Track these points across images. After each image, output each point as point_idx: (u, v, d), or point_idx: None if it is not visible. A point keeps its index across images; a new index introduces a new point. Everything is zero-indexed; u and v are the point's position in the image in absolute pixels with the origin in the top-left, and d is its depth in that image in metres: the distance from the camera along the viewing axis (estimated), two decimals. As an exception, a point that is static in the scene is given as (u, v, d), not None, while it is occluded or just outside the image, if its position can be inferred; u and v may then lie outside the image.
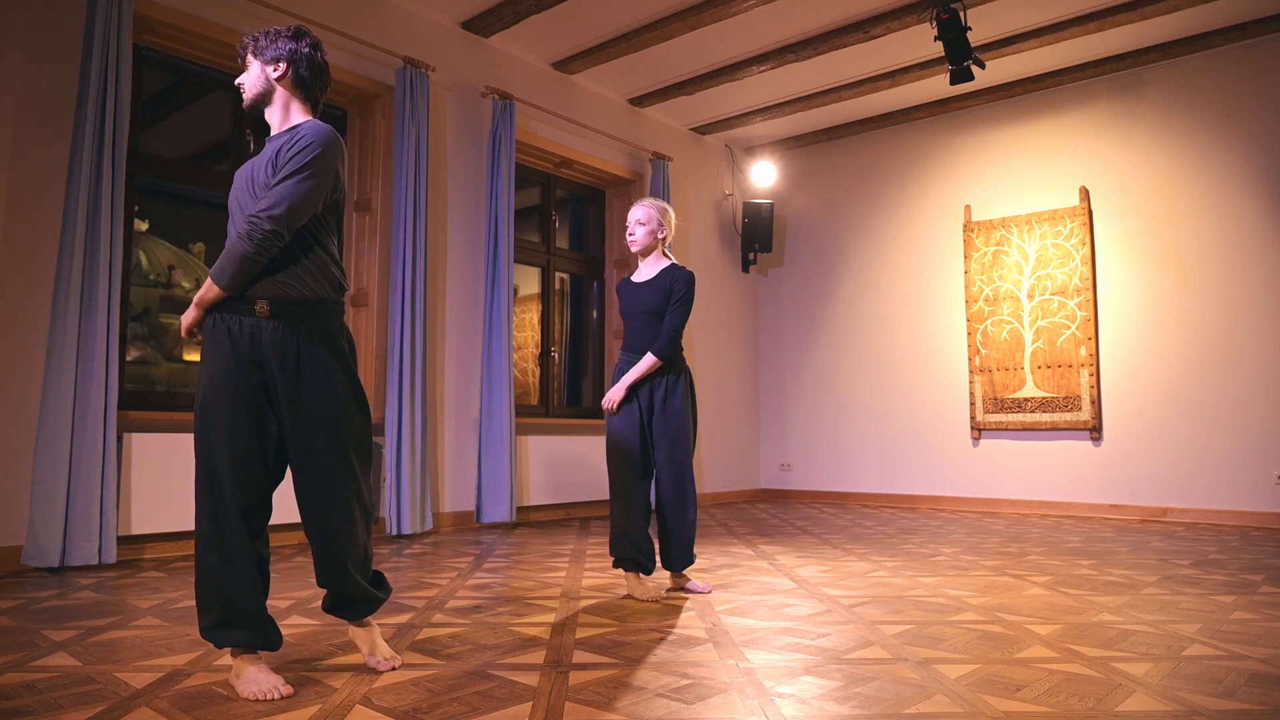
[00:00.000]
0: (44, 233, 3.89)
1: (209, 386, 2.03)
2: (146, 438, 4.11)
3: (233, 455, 2.01)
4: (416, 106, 5.23)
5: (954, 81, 5.45)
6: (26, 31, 3.90)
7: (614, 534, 3.24)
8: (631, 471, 3.23)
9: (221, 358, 2.03)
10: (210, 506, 2.00)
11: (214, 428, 2.01)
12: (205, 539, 2.01)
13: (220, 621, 2.00)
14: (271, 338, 2.03)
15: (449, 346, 5.56)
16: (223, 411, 2.01)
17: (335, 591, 2.16)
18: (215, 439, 2.01)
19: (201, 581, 2.01)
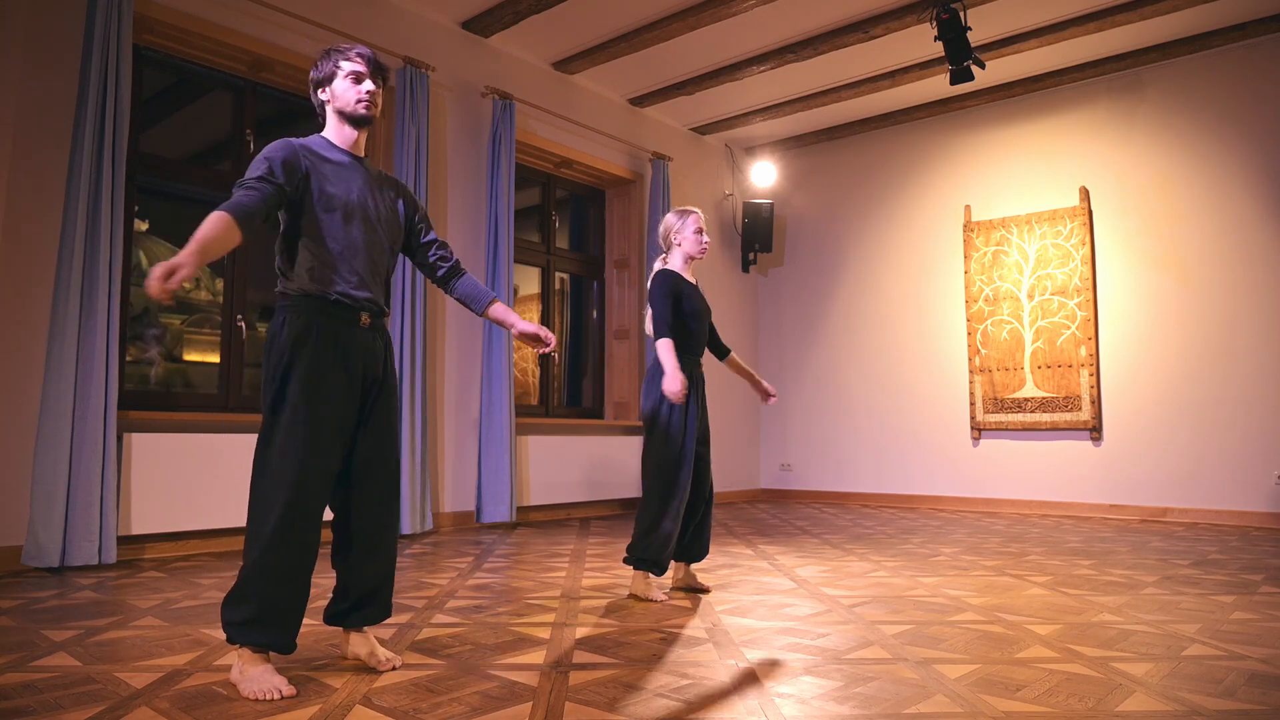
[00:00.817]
0: (44, 233, 3.89)
1: (307, 391, 2.05)
2: (146, 438, 4.11)
3: (326, 464, 2.08)
4: (416, 106, 5.23)
5: (954, 81, 5.45)
6: (26, 31, 3.90)
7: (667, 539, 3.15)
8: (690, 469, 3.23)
9: (324, 366, 2.08)
10: (292, 513, 2.01)
11: (315, 437, 2.04)
12: (278, 539, 1.99)
13: (253, 618, 2.00)
14: (372, 348, 2.19)
15: (449, 346, 5.56)
16: (325, 421, 2.07)
17: (366, 589, 2.20)
18: (315, 447, 2.04)
19: (253, 578, 2.00)
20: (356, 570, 2.19)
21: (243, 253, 4.80)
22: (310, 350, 2.07)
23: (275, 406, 2.05)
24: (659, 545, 3.15)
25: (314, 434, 2.04)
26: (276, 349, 2.08)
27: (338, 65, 2.21)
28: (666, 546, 3.16)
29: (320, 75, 2.24)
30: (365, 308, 2.17)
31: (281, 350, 2.07)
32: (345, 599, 2.20)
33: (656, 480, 3.19)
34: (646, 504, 3.20)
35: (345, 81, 2.21)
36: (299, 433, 2.03)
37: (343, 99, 2.21)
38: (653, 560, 3.15)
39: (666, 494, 3.17)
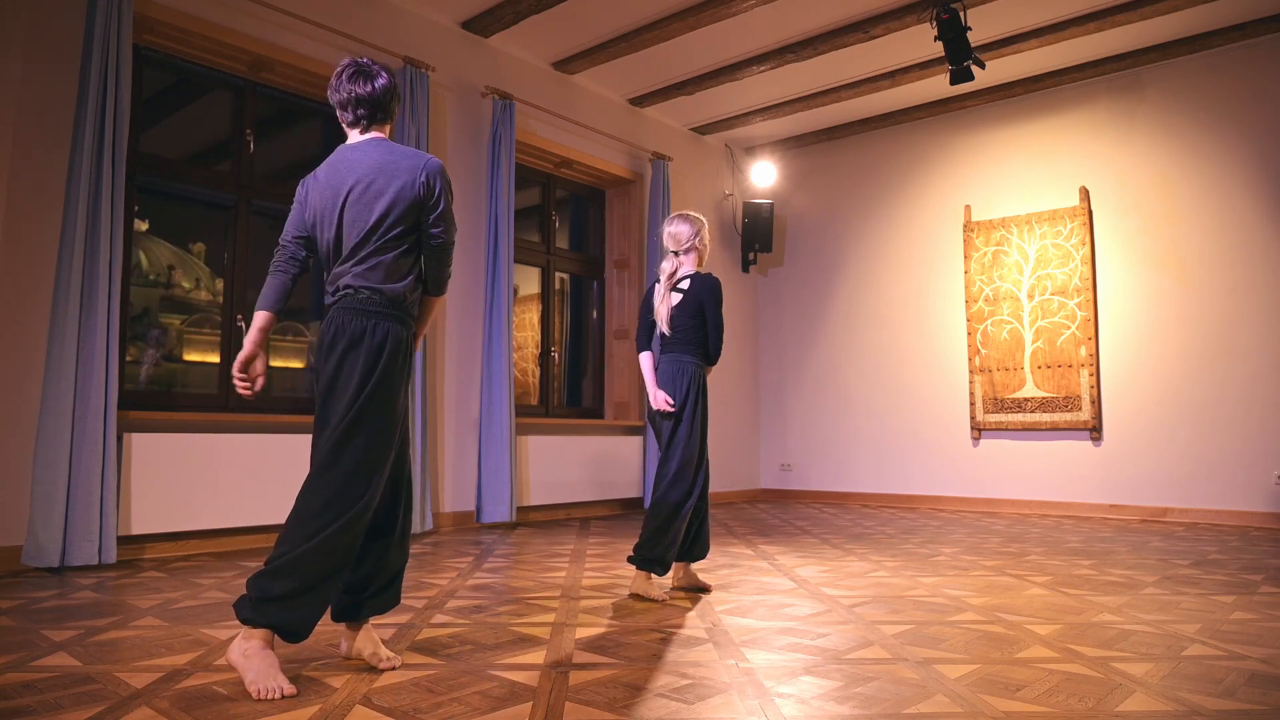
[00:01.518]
0: (44, 233, 3.89)
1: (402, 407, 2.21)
2: (146, 438, 4.11)
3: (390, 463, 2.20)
4: (416, 106, 5.23)
5: (954, 81, 5.45)
6: (26, 31, 3.90)
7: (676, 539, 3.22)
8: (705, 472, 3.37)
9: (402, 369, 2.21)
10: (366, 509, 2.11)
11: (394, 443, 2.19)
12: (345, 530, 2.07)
13: (290, 594, 2.01)
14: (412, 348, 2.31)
15: (449, 346, 5.56)
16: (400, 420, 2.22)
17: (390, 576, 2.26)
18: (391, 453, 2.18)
19: (307, 557, 2.02)
20: (382, 559, 2.24)
21: (242, 253, 4.80)
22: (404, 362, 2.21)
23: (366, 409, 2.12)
24: (667, 545, 3.19)
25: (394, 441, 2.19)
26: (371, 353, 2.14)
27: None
28: (674, 547, 3.21)
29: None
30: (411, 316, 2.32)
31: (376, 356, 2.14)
32: (363, 590, 2.22)
33: (677, 482, 3.24)
34: (661, 504, 3.23)
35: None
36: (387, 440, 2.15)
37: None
38: (659, 560, 3.18)
39: (684, 496, 3.23)
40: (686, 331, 3.32)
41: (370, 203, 2.16)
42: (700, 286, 3.32)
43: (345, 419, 2.10)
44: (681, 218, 3.43)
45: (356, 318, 2.14)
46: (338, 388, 2.12)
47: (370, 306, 2.15)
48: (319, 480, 2.09)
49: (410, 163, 2.20)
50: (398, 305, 2.18)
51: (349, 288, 2.16)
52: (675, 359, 3.32)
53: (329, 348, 2.14)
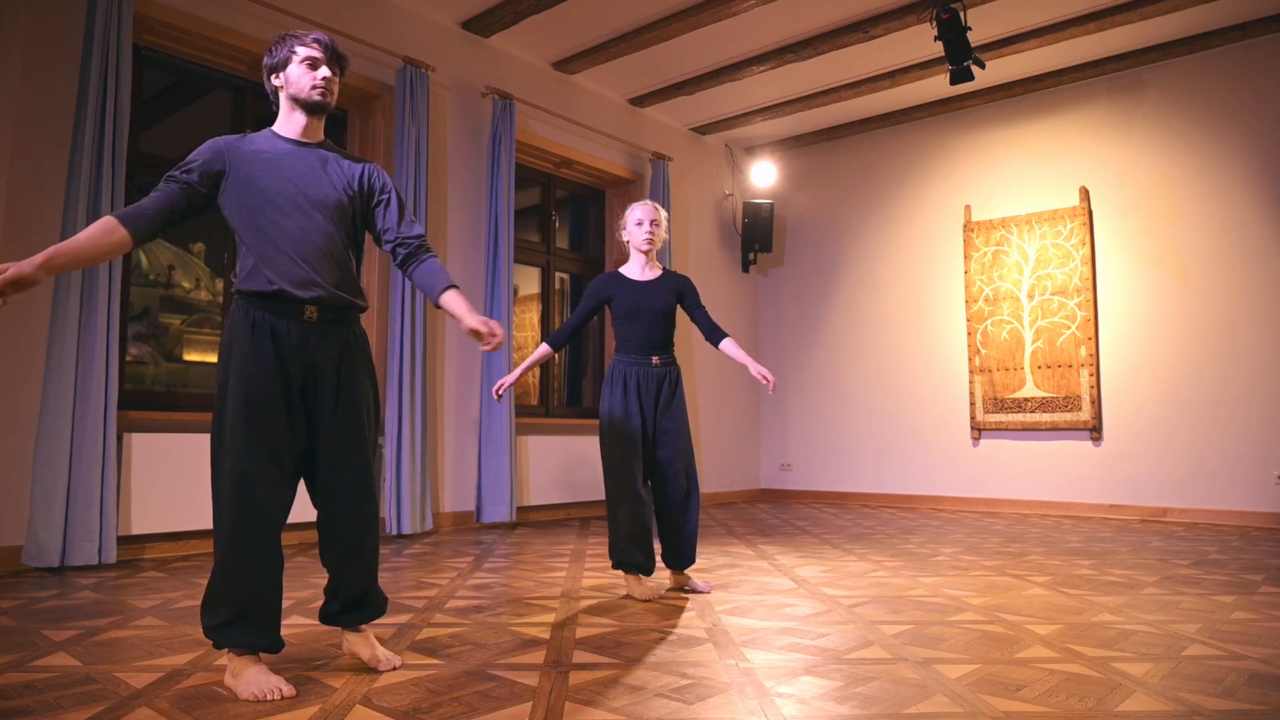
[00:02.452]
0: (44, 233, 3.89)
1: (247, 389, 2.00)
2: (146, 438, 4.11)
3: (270, 461, 2.01)
4: (416, 107, 5.23)
5: (954, 81, 5.45)
6: (26, 31, 3.90)
7: (617, 537, 3.17)
8: (635, 472, 3.18)
9: (263, 361, 2.02)
10: (241, 513, 1.99)
11: (253, 433, 1.99)
12: (232, 541, 1.99)
13: (230, 620, 1.99)
14: (320, 342, 2.09)
15: (449, 346, 5.56)
16: (262, 417, 2.00)
17: (353, 592, 2.18)
18: (253, 444, 1.99)
19: (220, 581, 2.00)
20: (340, 573, 2.17)
21: (243, 253, 4.79)
22: (243, 347, 2.02)
23: (218, 406, 2.04)
24: (616, 544, 3.17)
25: (248, 434, 1.99)
26: (220, 347, 2.09)
27: (293, 50, 2.16)
28: (623, 545, 3.14)
29: (274, 61, 2.18)
30: (312, 301, 2.07)
31: (223, 348, 2.07)
32: (335, 599, 2.20)
33: (605, 480, 3.22)
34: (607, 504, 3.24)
35: (300, 67, 2.14)
36: (236, 433, 1.99)
37: (296, 85, 2.15)
38: (626, 562, 3.16)
39: (610, 495, 3.19)
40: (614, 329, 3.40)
41: None
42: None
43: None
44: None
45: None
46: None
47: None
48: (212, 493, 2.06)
49: None
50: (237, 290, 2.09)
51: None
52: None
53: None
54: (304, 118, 2.18)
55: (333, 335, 2.12)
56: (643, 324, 3.29)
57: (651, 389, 3.24)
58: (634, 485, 3.17)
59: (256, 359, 2.01)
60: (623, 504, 3.16)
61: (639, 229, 3.35)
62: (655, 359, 3.27)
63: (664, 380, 3.27)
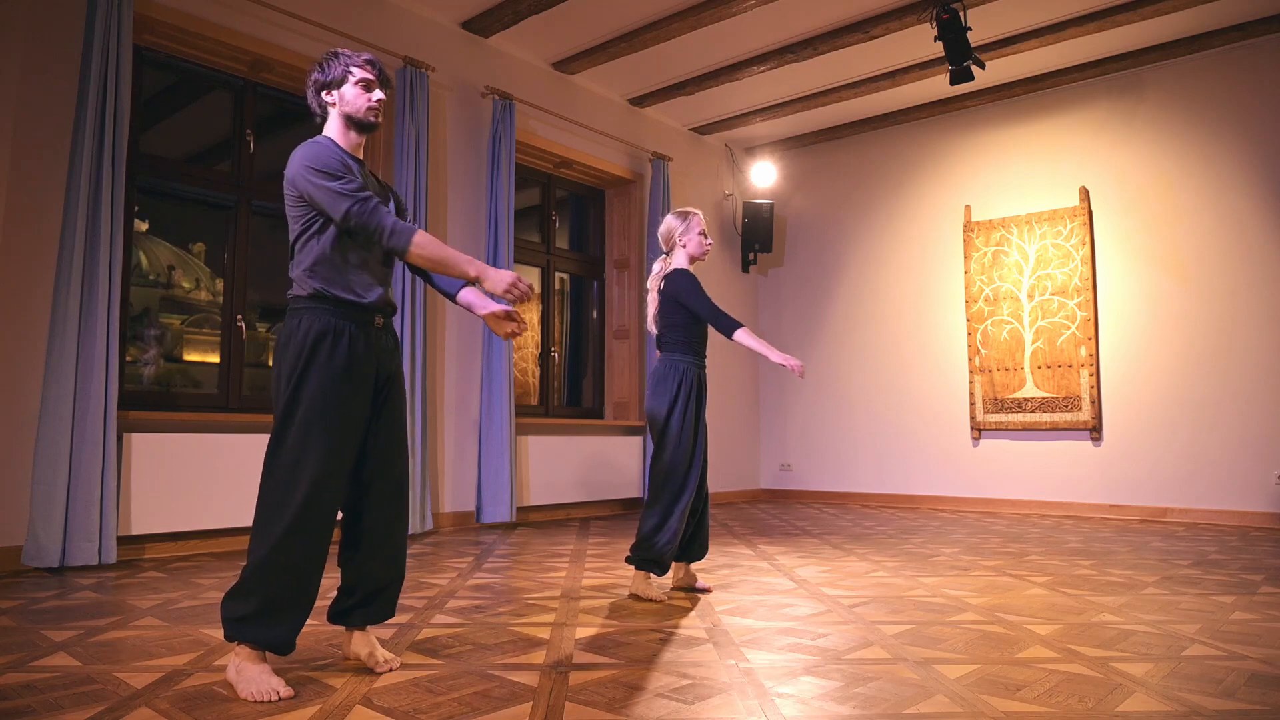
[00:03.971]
0: (44, 233, 3.89)
1: (325, 398, 2.06)
2: (146, 438, 4.11)
3: (339, 466, 2.08)
4: (416, 106, 5.23)
5: (954, 81, 5.45)
6: (26, 32, 3.90)
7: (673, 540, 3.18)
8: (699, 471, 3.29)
9: (336, 368, 2.09)
10: (306, 515, 2.01)
11: (328, 439, 2.05)
12: (289, 538, 2.00)
13: (255, 613, 1.99)
14: (384, 347, 2.22)
15: (449, 346, 5.56)
16: (338, 424, 2.07)
17: (376, 587, 2.21)
18: (328, 449, 2.05)
19: (257, 576, 2.00)
20: (365, 567, 2.19)
21: (242, 253, 4.79)
22: (327, 352, 2.08)
23: (290, 407, 2.06)
24: (663, 546, 3.17)
25: (331, 435, 2.05)
26: (292, 351, 2.09)
27: (349, 70, 2.23)
28: (670, 547, 3.18)
29: (328, 78, 2.24)
30: (380, 309, 2.20)
31: (298, 352, 2.08)
32: (351, 596, 2.20)
33: (668, 482, 3.22)
34: (654, 504, 3.22)
35: (356, 88, 2.23)
36: (316, 433, 2.04)
37: (352, 105, 2.23)
38: (656, 560, 3.17)
39: (676, 495, 3.21)
40: (674, 330, 3.32)
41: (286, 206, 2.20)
42: (670, 285, 3.32)
43: (277, 418, 2.07)
44: (670, 215, 3.45)
45: (288, 316, 2.16)
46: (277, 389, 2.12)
47: (296, 302, 2.15)
48: (261, 486, 2.06)
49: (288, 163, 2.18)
50: (316, 295, 2.12)
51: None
52: (667, 358, 3.32)
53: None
54: (357, 136, 2.27)
55: (391, 340, 2.27)
56: (704, 328, 3.38)
57: (704, 392, 3.37)
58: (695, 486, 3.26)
59: (334, 364, 2.09)
60: (682, 503, 3.21)
61: (702, 239, 3.44)
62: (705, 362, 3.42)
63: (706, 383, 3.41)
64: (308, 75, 2.28)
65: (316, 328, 2.09)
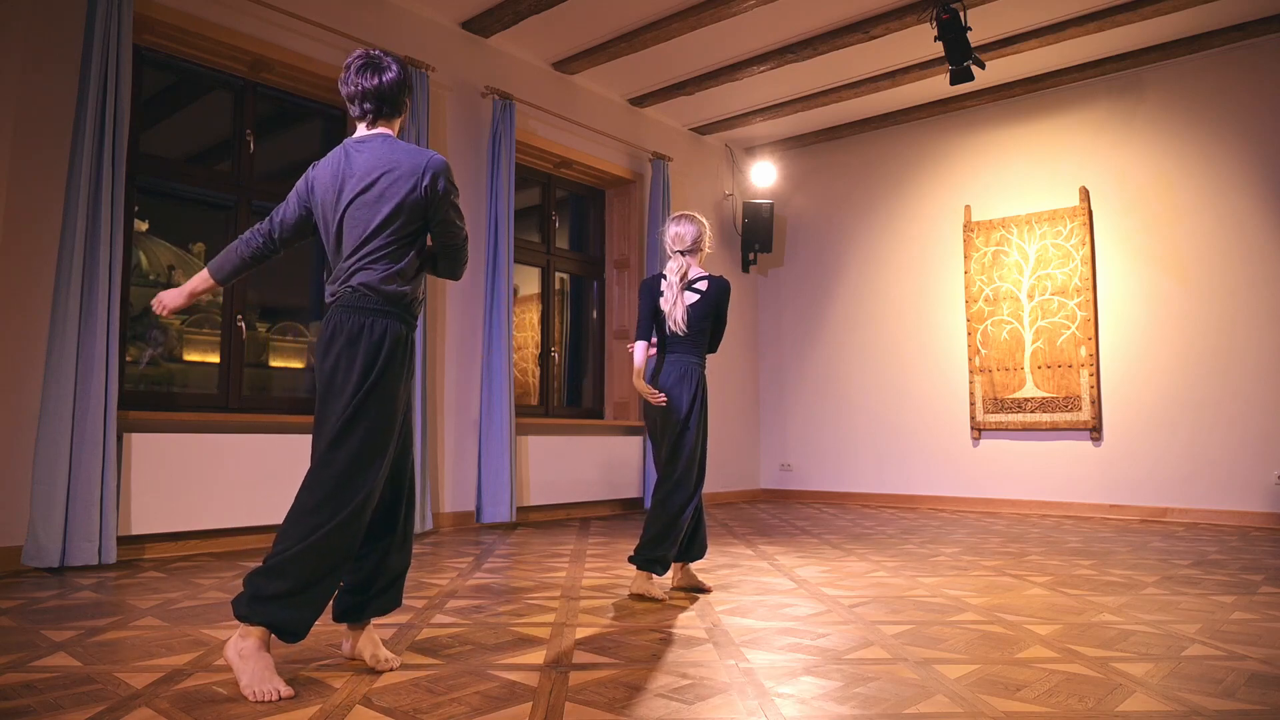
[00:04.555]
0: (44, 233, 3.89)
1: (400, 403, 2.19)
2: (146, 438, 4.11)
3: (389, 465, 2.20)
4: (416, 106, 5.23)
5: (954, 81, 5.45)
6: (26, 31, 3.90)
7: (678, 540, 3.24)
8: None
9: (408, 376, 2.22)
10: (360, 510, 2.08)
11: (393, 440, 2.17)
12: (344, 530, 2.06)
13: (286, 593, 1.99)
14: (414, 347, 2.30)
15: (449, 346, 5.56)
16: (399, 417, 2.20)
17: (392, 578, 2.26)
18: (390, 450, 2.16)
19: (302, 557, 2.00)
20: (385, 560, 2.24)
21: (243, 253, 4.79)
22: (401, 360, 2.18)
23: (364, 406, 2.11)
24: (669, 545, 3.21)
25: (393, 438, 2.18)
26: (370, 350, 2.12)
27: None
28: (676, 546, 3.24)
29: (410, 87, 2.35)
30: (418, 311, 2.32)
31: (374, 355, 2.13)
32: (365, 591, 2.22)
33: (679, 482, 3.25)
34: (662, 504, 3.23)
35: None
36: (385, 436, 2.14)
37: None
38: (660, 560, 3.19)
39: (688, 495, 3.26)
40: (699, 334, 3.32)
41: (372, 204, 2.14)
42: (719, 290, 3.34)
43: (343, 416, 2.09)
44: (686, 218, 3.41)
45: (355, 315, 2.13)
46: (335, 385, 2.11)
47: (368, 304, 2.14)
48: (316, 477, 2.08)
49: (413, 162, 2.16)
50: (397, 303, 2.17)
51: (349, 286, 2.15)
52: (683, 360, 3.31)
53: (327, 345, 2.14)
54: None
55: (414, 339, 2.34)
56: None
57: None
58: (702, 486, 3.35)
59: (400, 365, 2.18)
60: (692, 505, 3.27)
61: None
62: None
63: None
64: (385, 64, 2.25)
65: (396, 333, 2.17)
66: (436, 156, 2.20)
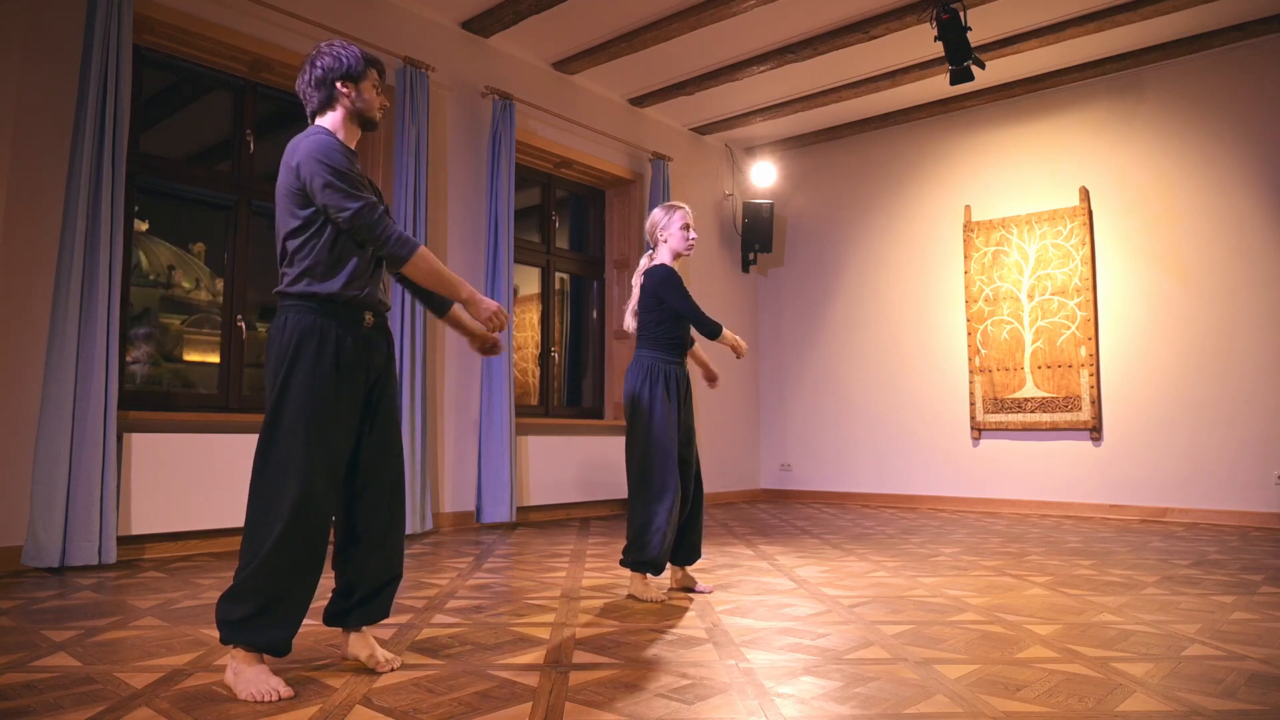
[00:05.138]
0: (44, 233, 3.89)
1: (316, 399, 2.04)
2: (146, 438, 4.11)
3: (334, 468, 2.09)
4: (416, 106, 5.23)
5: (954, 81, 5.45)
6: (26, 31, 3.90)
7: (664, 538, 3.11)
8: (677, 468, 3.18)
9: (326, 369, 2.07)
10: (296, 514, 1.99)
11: (320, 441, 2.04)
12: (287, 540, 1.98)
13: (252, 615, 1.98)
14: (375, 347, 2.18)
15: (449, 346, 5.55)
16: (330, 425, 2.06)
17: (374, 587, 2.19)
18: (321, 451, 2.04)
19: (255, 576, 1.98)
20: (362, 568, 2.18)
21: (242, 253, 4.80)
22: (314, 351, 2.07)
23: (278, 408, 2.04)
24: (653, 546, 3.10)
25: (321, 434, 2.04)
26: (279, 349, 2.08)
27: (369, 68, 2.24)
28: (661, 547, 3.11)
29: (348, 71, 2.20)
30: (370, 307, 2.18)
31: (283, 351, 2.07)
32: (348, 598, 2.19)
33: (644, 479, 3.16)
34: (634, 503, 3.18)
35: (372, 88, 2.25)
36: (305, 433, 2.02)
37: (366, 103, 2.24)
38: (648, 562, 3.12)
39: (656, 491, 3.13)
40: (648, 326, 3.29)
41: (277, 199, 2.18)
42: (652, 280, 3.27)
43: (266, 418, 2.06)
44: (657, 209, 3.38)
45: (276, 315, 2.14)
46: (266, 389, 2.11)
47: (284, 300, 2.13)
48: (253, 487, 2.04)
49: (289, 151, 2.15)
50: (305, 295, 2.10)
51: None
52: (637, 353, 3.30)
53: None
54: (359, 132, 2.29)
55: (384, 340, 2.24)
56: (683, 325, 3.33)
57: (681, 388, 3.30)
58: (677, 483, 3.16)
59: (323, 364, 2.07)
60: (665, 502, 3.12)
61: (685, 234, 3.34)
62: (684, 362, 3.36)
63: (687, 380, 3.34)
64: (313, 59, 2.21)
65: (303, 326, 2.08)
66: (306, 140, 2.13)
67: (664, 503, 3.12)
